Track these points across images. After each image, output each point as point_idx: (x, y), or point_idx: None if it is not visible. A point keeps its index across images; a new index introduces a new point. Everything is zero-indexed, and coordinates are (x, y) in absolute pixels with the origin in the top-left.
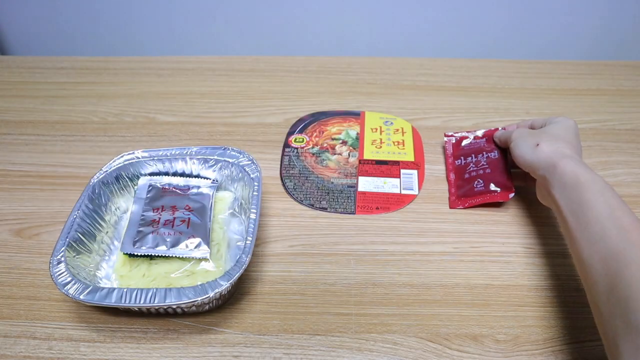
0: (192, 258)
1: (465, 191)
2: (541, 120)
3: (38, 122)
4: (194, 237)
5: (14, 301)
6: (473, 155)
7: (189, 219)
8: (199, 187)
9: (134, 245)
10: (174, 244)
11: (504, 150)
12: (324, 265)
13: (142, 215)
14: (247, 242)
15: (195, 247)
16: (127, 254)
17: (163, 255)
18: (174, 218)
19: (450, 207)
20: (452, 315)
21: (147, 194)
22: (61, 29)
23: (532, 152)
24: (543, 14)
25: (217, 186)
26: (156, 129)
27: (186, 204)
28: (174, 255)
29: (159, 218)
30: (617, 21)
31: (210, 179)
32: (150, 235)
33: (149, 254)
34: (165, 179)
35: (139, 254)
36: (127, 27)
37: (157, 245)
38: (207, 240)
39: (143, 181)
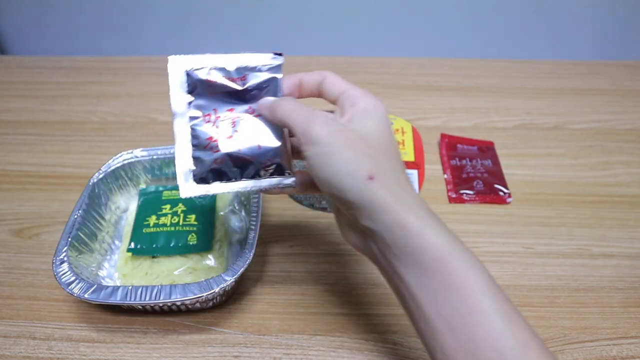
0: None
1: (465, 189)
2: (338, 85)
3: (38, 122)
4: (269, 160)
5: (14, 301)
6: (468, 159)
7: (258, 131)
8: (258, 70)
9: (196, 179)
10: (247, 172)
11: (496, 160)
12: (324, 265)
13: (193, 130)
14: (250, 237)
15: (274, 174)
16: (189, 197)
17: (233, 191)
18: (238, 134)
19: (450, 202)
20: None
21: (187, 89)
22: (61, 29)
23: (361, 188)
24: (543, 14)
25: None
26: (156, 129)
27: (248, 106)
28: (257, 188)
29: (217, 133)
30: (617, 21)
31: (270, 54)
32: (212, 163)
33: (224, 191)
34: (205, 63)
35: (209, 193)
36: (127, 27)
37: (225, 178)
38: (286, 161)
39: (174, 66)
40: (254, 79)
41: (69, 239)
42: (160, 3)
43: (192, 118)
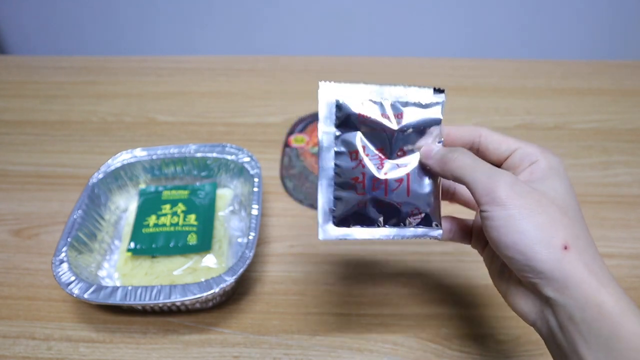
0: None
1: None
2: (505, 143)
3: (37, 122)
4: (418, 210)
5: (13, 301)
6: None
7: (408, 177)
8: (417, 106)
9: (335, 221)
10: (391, 220)
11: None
12: (324, 265)
13: (337, 167)
14: (250, 237)
15: (420, 224)
16: (325, 239)
17: (377, 238)
18: (386, 179)
19: (451, 202)
20: (453, 315)
21: (335, 121)
22: (61, 29)
23: (555, 258)
24: (543, 14)
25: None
26: (155, 129)
27: (400, 147)
28: (392, 238)
29: (363, 174)
30: (617, 21)
31: (430, 89)
32: (355, 206)
33: (365, 238)
34: (358, 94)
35: (347, 238)
36: (127, 27)
37: (367, 223)
38: (436, 212)
39: (325, 93)
40: (410, 117)
41: (69, 239)
42: (161, 3)
43: (338, 154)
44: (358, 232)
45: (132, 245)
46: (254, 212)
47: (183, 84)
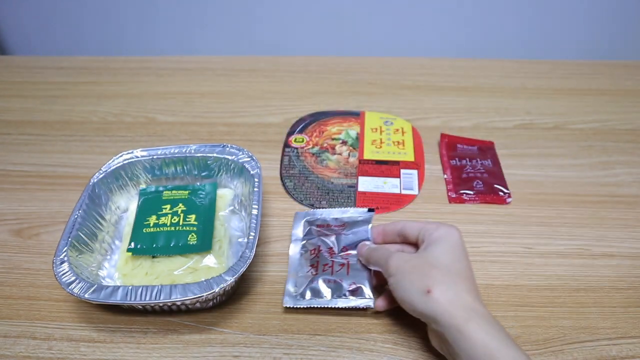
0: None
1: (465, 189)
2: (415, 228)
3: (38, 122)
4: (354, 284)
5: (14, 301)
6: (468, 159)
7: (348, 263)
8: (354, 220)
9: (297, 294)
10: (337, 292)
11: (496, 160)
12: None
13: (301, 259)
14: (250, 237)
15: (359, 295)
16: (288, 307)
17: (324, 306)
18: (333, 262)
19: (450, 202)
20: None
21: (304, 234)
22: (61, 29)
23: (423, 301)
24: (543, 14)
25: (371, 218)
26: (156, 129)
27: (343, 246)
28: (335, 307)
29: (317, 262)
30: (617, 21)
31: (365, 209)
32: (310, 286)
33: (317, 305)
34: (318, 215)
35: (305, 305)
36: (128, 27)
37: (319, 295)
38: (369, 287)
39: (300, 218)
40: (350, 227)
41: (69, 239)
42: (161, 3)
43: (303, 251)
44: (313, 302)
45: (133, 245)
46: (254, 212)
47: (183, 84)
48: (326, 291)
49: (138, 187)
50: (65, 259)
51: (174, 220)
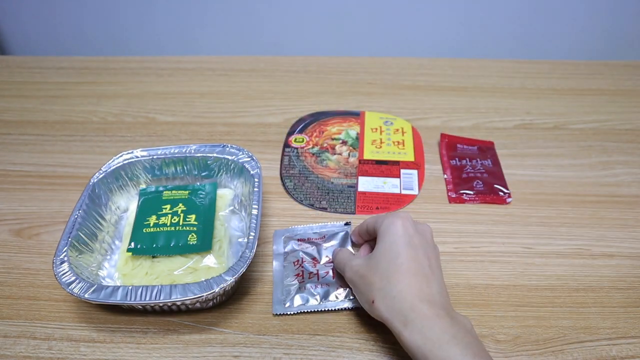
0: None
1: (465, 189)
2: (371, 224)
3: (38, 122)
4: (341, 287)
5: (14, 301)
6: (468, 159)
7: (333, 269)
8: (334, 233)
9: (284, 301)
10: (325, 297)
11: (496, 160)
12: None
13: (286, 270)
14: (250, 237)
15: (345, 297)
16: (277, 314)
17: (313, 310)
18: (317, 271)
19: (450, 202)
20: None
21: (284, 249)
22: (61, 29)
23: (371, 310)
24: (543, 14)
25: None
26: (156, 129)
27: (326, 254)
28: (325, 309)
29: (302, 272)
30: (617, 21)
31: (342, 222)
32: (298, 293)
33: (306, 310)
34: (297, 230)
35: (293, 312)
36: (127, 27)
37: (307, 302)
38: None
39: (279, 235)
40: (331, 238)
41: (69, 239)
42: (161, 3)
43: (286, 264)
44: (301, 307)
45: (133, 245)
46: (254, 212)
47: (183, 84)
48: (315, 296)
49: (138, 187)
50: (65, 259)
51: (174, 220)
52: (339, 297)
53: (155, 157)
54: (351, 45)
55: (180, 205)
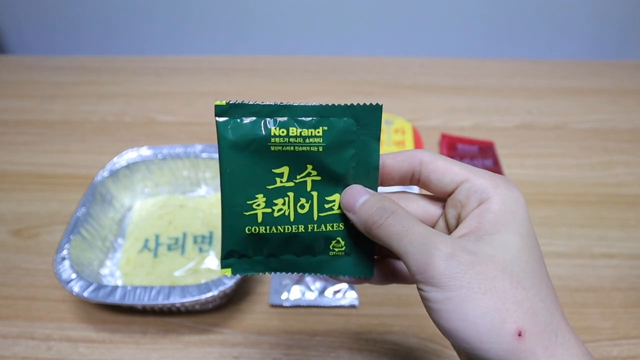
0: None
1: None
2: (450, 173)
3: (37, 122)
4: (340, 284)
5: (13, 301)
6: (468, 159)
7: None
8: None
9: (281, 297)
10: (322, 292)
11: (497, 160)
12: None
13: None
14: None
15: (343, 294)
16: (273, 304)
17: (310, 305)
18: None
19: None
20: None
21: None
22: (61, 28)
23: (508, 347)
24: (543, 13)
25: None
26: (156, 128)
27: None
28: (321, 305)
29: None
30: (617, 21)
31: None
32: (295, 286)
33: (298, 304)
34: None
35: (288, 305)
36: (127, 27)
37: (304, 295)
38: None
39: None
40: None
41: (71, 236)
42: (160, 3)
43: None
44: (299, 302)
45: (225, 253)
46: None
47: (183, 84)
48: (311, 292)
49: (142, 185)
50: (67, 256)
51: (301, 203)
52: (337, 294)
53: (160, 156)
54: (351, 45)
55: (309, 168)
